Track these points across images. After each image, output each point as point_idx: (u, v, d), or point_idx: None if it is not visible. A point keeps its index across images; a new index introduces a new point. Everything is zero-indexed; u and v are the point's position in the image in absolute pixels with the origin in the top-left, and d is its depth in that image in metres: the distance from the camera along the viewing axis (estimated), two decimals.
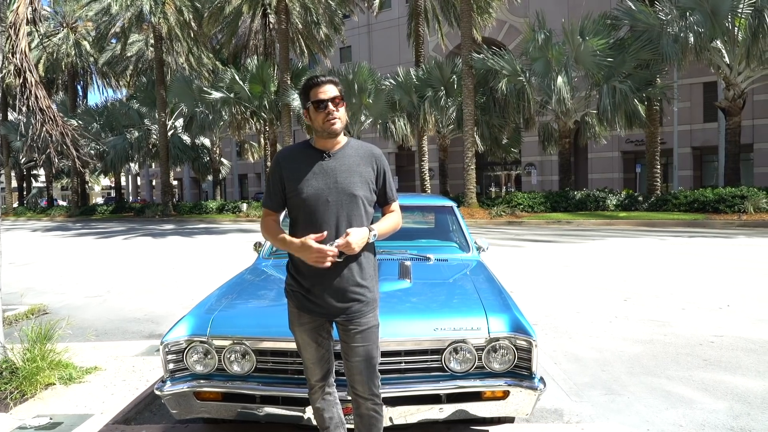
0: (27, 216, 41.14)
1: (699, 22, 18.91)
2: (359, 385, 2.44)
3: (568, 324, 5.84)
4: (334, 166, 2.40)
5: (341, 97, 2.39)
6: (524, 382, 2.78)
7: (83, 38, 38.25)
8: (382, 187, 2.53)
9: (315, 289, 2.38)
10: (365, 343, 2.41)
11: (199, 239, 17.70)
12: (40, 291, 8.56)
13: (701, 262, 9.95)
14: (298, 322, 2.46)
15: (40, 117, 3.81)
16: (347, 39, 39.44)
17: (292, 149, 2.51)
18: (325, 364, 2.49)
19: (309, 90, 2.39)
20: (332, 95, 2.36)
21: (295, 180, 2.40)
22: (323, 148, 2.44)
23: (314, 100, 2.36)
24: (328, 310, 2.40)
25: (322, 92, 2.36)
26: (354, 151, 2.47)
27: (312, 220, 2.37)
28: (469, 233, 4.58)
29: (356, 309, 2.40)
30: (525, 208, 22.78)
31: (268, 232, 2.50)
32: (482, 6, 25.94)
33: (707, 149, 31.95)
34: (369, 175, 2.45)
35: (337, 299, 2.38)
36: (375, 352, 2.45)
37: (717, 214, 18.68)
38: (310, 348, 2.46)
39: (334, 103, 2.36)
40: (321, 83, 2.37)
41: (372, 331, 2.44)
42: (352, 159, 2.44)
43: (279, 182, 2.45)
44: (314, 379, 2.50)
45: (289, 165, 2.44)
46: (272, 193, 2.49)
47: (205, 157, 38.86)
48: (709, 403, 3.68)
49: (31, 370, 3.89)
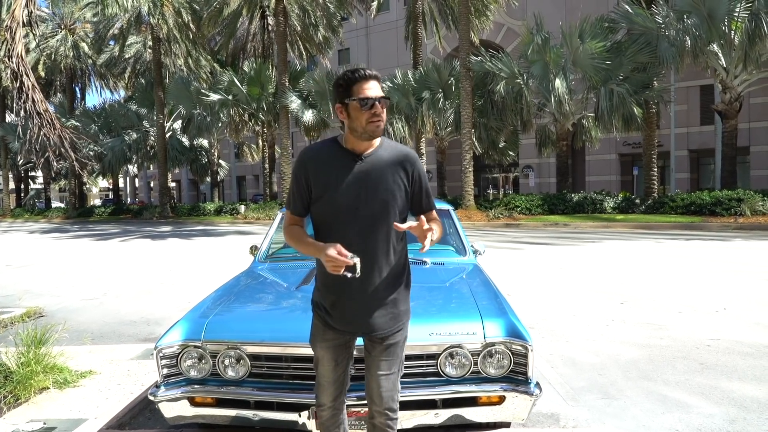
0: (24, 217, 41.05)
1: (696, 25, 18.96)
2: (377, 397, 2.28)
3: (564, 327, 5.84)
4: (366, 170, 2.16)
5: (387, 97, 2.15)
6: (520, 387, 2.77)
7: (81, 40, 38.23)
8: (418, 194, 2.27)
9: (341, 303, 2.20)
10: (389, 357, 2.27)
11: (197, 241, 17.68)
12: (36, 293, 8.53)
13: (698, 265, 9.95)
14: (323, 338, 2.28)
15: (38, 120, 3.80)
16: (345, 41, 39.49)
17: (319, 149, 2.24)
18: (340, 386, 2.33)
19: (352, 84, 2.10)
20: (379, 93, 2.10)
21: (324, 184, 2.17)
22: (355, 149, 2.18)
23: (361, 97, 2.07)
24: (356, 329, 2.24)
25: (369, 89, 2.09)
26: (387, 153, 2.21)
27: (338, 229, 2.16)
28: (466, 237, 4.57)
29: (387, 325, 2.22)
30: (522, 211, 22.79)
31: (291, 236, 2.27)
32: (480, 9, 25.99)
33: (704, 152, 31.99)
34: (403, 181, 2.21)
35: (367, 316, 2.19)
36: (398, 367, 2.31)
37: (714, 216, 18.72)
38: (328, 366, 2.29)
39: (381, 103, 2.10)
40: (367, 78, 2.09)
41: (399, 345, 2.29)
42: (385, 163, 2.19)
43: (305, 184, 2.20)
44: (326, 399, 2.33)
45: (315, 167, 2.20)
46: (297, 196, 2.23)
47: (203, 159, 38.83)
48: (706, 408, 3.68)
49: (25, 374, 3.87)
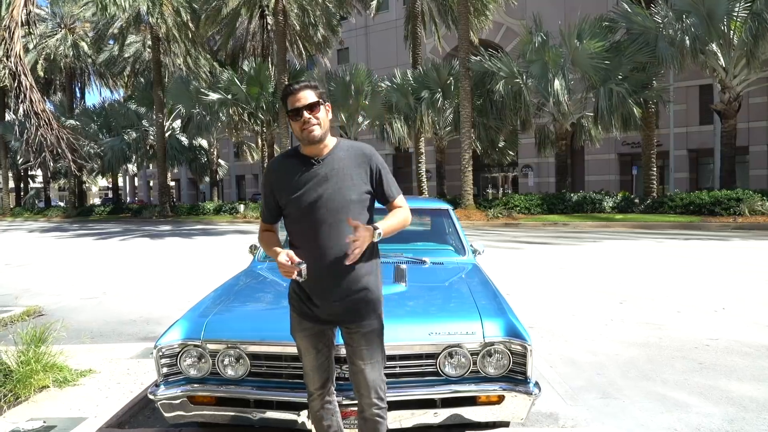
0: (24, 216, 41.01)
1: (695, 25, 18.99)
2: (364, 389, 2.37)
3: (563, 327, 5.84)
4: (324, 172, 2.31)
5: (320, 102, 2.29)
6: (519, 386, 2.77)
7: (81, 39, 38.15)
8: (380, 186, 2.40)
9: (314, 295, 2.32)
10: (369, 345, 2.36)
11: (197, 240, 17.68)
12: (36, 292, 8.53)
13: (697, 264, 9.96)
14: (300, 327, 2.40)
15: (35, 121, 3.80)
16: (345, 41, 39.48)
17: (281, 159, 2.44)
18: (324, 372, 2.43)
19: (286, 98, 2.31)
20: (308, 101, 2.26)
21: (286, 191, 2.33)
22: (311, 154, 2.35)
23: (290, 109, 2.29)
24: (330, 315, 2.34)
25: (297, 100, 2.27)
26: (345, 153, 2.36)
27: (306, 230, 2.30)
28: (465, 236, 4.58)
29: (357, 311, 2.33)
30: (522, 210, 22.81)
31: (264, 242, 2.48)
32: (479, 8, 25.96)
33: (703, 152, 32.01)
34: (363, 176, 2.35)
35: (338, 302, 2.30)
36: (380, 356, 2.40)
37: (713, 216, 18.75)
38: (309, 355, 2.40)
39: (310, 110, 2.26)
40: (295, 91, 2.29)
41: (376, 333, 2.38)
42: (343, 162, 2.33)
43: (271, 194, 2.41)
44: (313, 386, 2.44)
45: (278, 176, 2.38)
46: (266, 205, 2.45)
47: (202, 158, 38.80)
48: (705, 407, 3.68)
49: (25, 373, 3.88)
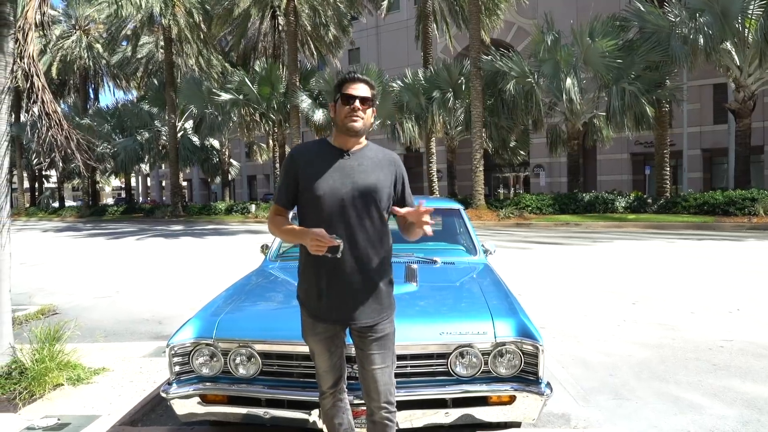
0: (38, 216, 41.45)
1: (709, 23, 18.78)
2: (374, 393, 2.37)
3: (575, 327, 5.81)
4: (352, 165, 2.33)
5: (372, 100, 2.33)
6: (531, 387, 2.75)
7: (95, 41, 38.51)
8: (401, 194, 2.45)
9: (328, 292, 2.31)
10: (381, 350, 2.36)
11: (208, 240, 17.77)
12: (50, 291, 8.62)
13: (711, 265, 9.87)
14: (313, 332, 2.38)
15: (46, 121, 3.83)
16: (356, 41, 39.50)
17: (308, 145, 2.44)
18: (337, 372, 2.44)
19: (342, 83, 2.33)
20: (364, 95, 2.30)
21: (312, 176, 2.31)
22: (342, 146, 2.36)
23: (344, 93, 2.30)
24: (343, 318, 2.33)
25: (354, 88, 2.30)
26: (374, 153, 2.40)
27: (323, 218, 2.28)
28: (476, 236, 4.56)
29: (372, 315, 2.33)
30: (533, 210, 22.71)
31: (275, 224, 2.41)
32: (490, 8, 25.90)
33: (717, 151, 31.69)
34: (387, 180, 2.38)
35: (352, 305, 2.30)
36: (391, 360, 2.40)
37: (727, 216, 18.55)
38: (323, 357, 2.40)
39: (362, 102, 2.30)
40: (356, 80, 2.32)
41: (388, 338, 2.38)
42: (371, 161, 2.37)
43: (293, 178, 2.36)
44: (326, 386, 2.45)
45: (305, 161, 2.36)
46: (285, 189, 2.40)
47: (214, 159, 39.02)
48: (719, 409, 3.65)
49: (39, 371, 3.91)
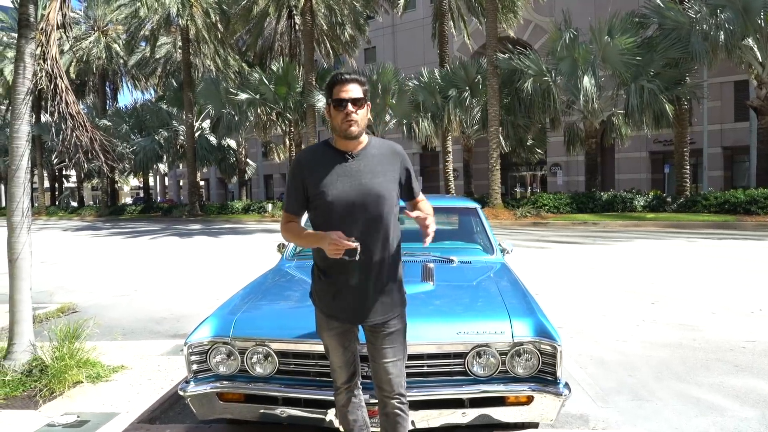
0: (58, 216, 42.04)
1: (730, 19, 18.51)
2: (386, 384, 2.41)
3: (594, 327, 5.76)
4: (358, 167, 2.32)
5: (364, 98, 2.30)
6: (549, 387, 2.73)
7: (114, 41, 38.99)
8: (407, 183, 2.47)
9: (341, 293, 2.34)
10: (393, 345, 2.40)
11: (225, 239, 17.89)
12: (70, 290, 8.73)
13: (732, 264, 9.71)
14: (327, 327, 2.42)
15: (71, 123, 3.88)
16: (372, 40, 39.50)
17: (312, 151, 2.41)
18: (351, 367, 2.48)
19: (332, 87, 2.29)
20: (354, 96, 2.26)
21: (319, 183, 2.31)
22: (345, 149, 2.35)
23: (335, 98, 2.27)
24: (355, 315, 2.36)
25: (345, 91, 2.26)
26: (377, 150, 2.39)
27: (334, 222, 2.27)
28: (493, 235, 4.54)
29: (384, 312, 2.36)
30: (550, 209, 22.55)
31: (289, 232, 2.42)
32: (507, 5, 25.72)
33: (738, 149, 31.19)
34: (394, 174, 2.39)
35: (365, 303, 2.33)
36: (402, 354, 2.44)
37: (748, 215, 18.27)
38: (337, 352, 2.44)
39: (354, 104, 2.26)
40: (345, 81, 2.27)
41: (399, 333, 2.42)
42: (376, 159, 2.36)
43: (301, 186, 2.36)
44: (340, 381, 2.49)
45: (311, 168, 2.35)
46: (294, 197, 2.40)
47: (231, 158, 39.25)
48: (741, 411, 3.59)
49: (59, 369, 3.96)
